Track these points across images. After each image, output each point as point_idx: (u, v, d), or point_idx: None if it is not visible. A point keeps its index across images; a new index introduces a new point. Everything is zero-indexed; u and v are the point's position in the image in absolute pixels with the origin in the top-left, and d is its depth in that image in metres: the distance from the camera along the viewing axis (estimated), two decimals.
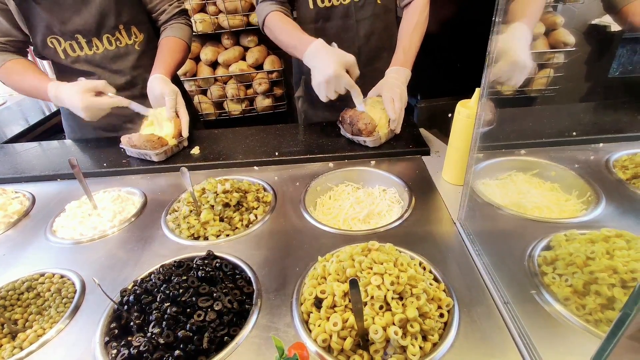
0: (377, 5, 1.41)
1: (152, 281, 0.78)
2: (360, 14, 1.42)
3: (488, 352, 0.65)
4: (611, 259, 0.70)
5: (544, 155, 1.13)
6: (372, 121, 1.24)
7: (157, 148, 1.28)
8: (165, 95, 1.31)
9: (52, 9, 1.28)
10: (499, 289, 0.75)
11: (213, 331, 0.69)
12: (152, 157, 1.30)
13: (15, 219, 1.10)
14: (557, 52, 2.23)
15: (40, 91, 1.31)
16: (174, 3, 1.50)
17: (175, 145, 1.34)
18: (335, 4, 1.40)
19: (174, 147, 1.34)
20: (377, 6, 1.42)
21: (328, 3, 1.40)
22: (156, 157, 1.29)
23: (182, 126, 1.35)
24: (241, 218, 1.03)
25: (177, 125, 1.34)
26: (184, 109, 1.37)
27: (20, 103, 2.57)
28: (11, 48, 1.36)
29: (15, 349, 0.73)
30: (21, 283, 0.86)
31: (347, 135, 1.34)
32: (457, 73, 1.98)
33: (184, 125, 1.35)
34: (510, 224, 0.95)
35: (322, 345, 0.67)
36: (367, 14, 1.42)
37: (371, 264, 0.73)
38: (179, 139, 1.35)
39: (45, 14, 1.28)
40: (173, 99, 1.33)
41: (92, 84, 1.27)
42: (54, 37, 1.33)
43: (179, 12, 1.51)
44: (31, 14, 1.28)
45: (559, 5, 2.18)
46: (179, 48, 1.47)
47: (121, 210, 1.09)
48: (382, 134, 1.27)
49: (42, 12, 1.27)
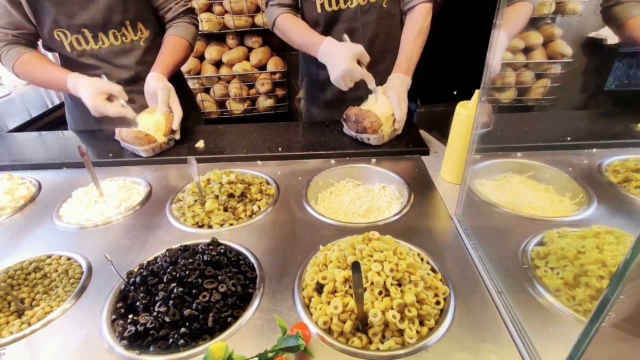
0: (383, 9, 1.45)
1: (158, 264, 0.81)
2: (366, 18, 1.46)
3: (482, 337, 0.68)
4: (601, 253, 0.74)
5: (539, 159, 1.17)
6: (378, 120, 1.28)
7: (143, 145, 1.29)
8: (158, 90, 1.33)
9: (60, 3, 1.30)
10: (493, 280, 0.78)
11: (218, 311, 0.71)
12: (139, 153, 1.31)
13: (21, 204, 1.12)
14: (555, 63, 2.29)
15: (58, 81, 1.36)
16: (180, 2, 1.52)
17: (165, 142, 1.35)
18: (342, 7, 1.43)
19: (164, 144, 1.35)
20: (382, 10, 1.45)
21: (335, 7, 1.43)
22: (144, 153, 1.31)
23: (174, 121, 1.36)
24: (245, 209, 1.05)
25: (168, 123, 1.34)
26: (177, 105, 1.39)
27: (23, 95, 2.58)
28: (23, 41, 1.39)
29: (23, 324, 0.75)
30: (29, 263, 0.88)
31: (350, 133, 1.37)
32: (456, 79, 2.02)
33: (175, 120, 1.36)
34: (505, 221, 0.98)
35: (323, 328, 0.70)
36: (372, 17, 1.46)
37: (371, 251, 0.76)
38: (169, 137, 1.36)
39: (52, 7, 1.31)
40: (165, 95, 1.34)
41: (107, 87, 1.32)
42: (60, 31, 1.36)
43: (185, 11, 1.54)
44: (39, 7, 1.31)
45: (558, 17, 2.24)
46: (180, 47, 1.50)
47: (127, 198, 1.12)
48: (386, 133, 1.30)
49: (50, 5, 1.30)
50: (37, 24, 1.35)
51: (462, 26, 1.97)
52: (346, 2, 1.42)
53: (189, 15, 1.56)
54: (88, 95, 1.30)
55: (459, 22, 1.98)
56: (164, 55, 1.45)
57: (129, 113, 1.34)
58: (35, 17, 1.33)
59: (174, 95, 1.39)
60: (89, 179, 1.12)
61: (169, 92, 1.37)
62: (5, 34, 1.34)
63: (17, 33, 1.35)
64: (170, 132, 1.36)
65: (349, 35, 1.48)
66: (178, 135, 1.41)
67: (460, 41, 2.00)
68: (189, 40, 1.53)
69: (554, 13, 2.18)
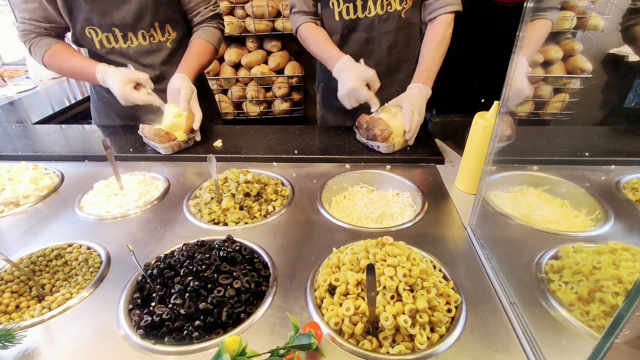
0: (401, 18, 1.46)
1: (175, 257, 0.83)
2: (384, 27, 1.47)
3: (493, 347, 0.68)
4: (617, 270, 0.73)
5: (555, 173, 1.17)
6: (389, 128, 1.29)
7: (163, 142, 1.31)
8: (182, 89, 1.36)
9: (94, 1, 1.35)
10: (505, 290, 0.78)
11: (231, 307, 0.73)
12: (159, 150, 1.34)
13: (45, 193, 1.16)
14: (574, 77, 2.27)
15: (87, 71, 1.41)
16: (209, 7, 1.56)
17: (185, 141, 1.38)
18: (360, 16, 1.45)
19: (183, 142, 1.37)
20: (401, 20, 1.46)
21: (353, 15, 1.45)
22: (163, 151, 1.33)
23: (195, 121, 1.39)
24: (260, 208, 1.07)
25: (189, 121, 1.37)
26: (197, 106, 1.42)
27: (48, 89, 2.66)
28: (53, 33, 1.44)
29: (43, 309, 0.78)
30: (51, 250, 0.91)
31: (362, 140, 1.38)
32: (473, 91, 2.02)
33: (196, 120, 1.39)
34: (519, 233, 0.98)
35: (334, 328, 0.71)
36: (390, 27, 1.47)
37: (385, 256, 0.77)
38: (190, 135, 1.38)
39: (86, 6, 1.36)
40: (188, 94, 1.37)
41: (135, 76, 1.36)
42: (92, 28, 1.41)
43: (212, 16, 1.57)
44: (74, 4, 1.36)
45: (579, 32, 2.22)
46: (205, 51, 1.54)
47: (146, 193, 1.14)
48: (397, 143, 1.31)
49: (84, 3, 1.35)
50: (70, 20, 1.40)
51: (480, 37, 1.97)
52: (364, 11, 1.43)
53: (216, 20, 1.60)
54: (116, 84, 1.34)
55: (476, 33, 1.99)
56: (190, 58, 1.49)
57: (155, 100, 1.39)
58: (68, 14, 1.38)
59: (195, 97, 1.42)
60: (110, 172, 1.15)
61: (192, 93, 1.40)
62: (38, 26, 1.39)
63: (49, 26, 1.41)
64: (191, 131, 1.38)
65: (367, 44, 1.50)
66: (199, 136, 1.44)
67: (478, 52, 2.01)
68: (215, 44, 1.57)
69: (575, 28, 2.17)
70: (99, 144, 1.41)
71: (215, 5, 1.58)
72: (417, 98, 1.33)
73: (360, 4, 1.42)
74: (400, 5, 1.43)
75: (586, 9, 2.10)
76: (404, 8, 1.44)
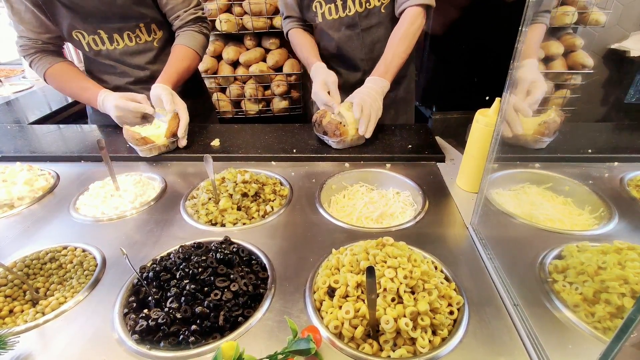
0: (381, 14, 1.48)
1: (171, 260, 0.81)
2: (365, 23, 1.49)
3: (496, 350, 0.66)
4: (623, 270, 0.71)
5: (558, 170, 1.15)
6: (334, 121, 1.29)
7: (139, 146, 1.28)
8: (162, 96, 1.33)
9: (73, 8, 1.32)
10: (509, 292, 0.76)
11: (229, 310, 0.71)
12: (139, 153, 1.31)
13: (40, 195, 1.14)
14: (575, 73, 2.25)
15: (89, 94, 1.42)
16: (189, 10, 1.48)
17: (165, 145, 1.32)
18: (342, 15, 1.48)
19: (163, 146, 1.32)
20: (381, 15, 1.48)
21: (335, 15, 1.49)
22: (142, 153, 1.31)
23: (180, 127, 1.34)
24: (258, 208, 1.06)
25: (171, 126, 1.32)
26: (184, 110, 1.36)
27: (45, 89, 2.64)
28: (52, 47, 1.43)
29: (37, 313, 0.76)
30: (45, 253, 0.90)
31: (319, 135, 1.38)
32: (473, 87, 2.00)
33: (181, 125, 1.34)
34: (522, 233, 0.96)
35: (334, 332, 0.69)
36: (371, 22, 1.49)
37: (385, 257, 0.75)
38: (171, 139, 1.33)
39: (68, 12, 1.33)
40: (169, 95, 1.34)
41: (131, 96, 1.38)
42: (78, 32, 1.39)
43: (194, 19, 1.50)
44: (56, 11, 1.33)
45: (580, 28, 2.20)
46: (185, 56, 1.48)
47: (142, 194, 1.13)
48: (349, 138, 1.31)
49: (65, 10, 1.32)
50: (56, 26, 1.38)
51: (480, 33, 1.95)
52: (345, 9, 1.47)
53: (198, 24, 1.52)
54: (113, 102, 1.35)
55: (476, 29, 1.97)
56: (169, 65, 1.45)
57: (147, 108, 1.36)
58: (53, 20, 1.36)
59: (178, 99, 1.37)
60: (106, 173, 1.13)
61: (172, 96, 1.35)
62: (36, 41, 1.38)
63: (46, 38, 1.39)
64: (173, 135, 1.33)
65: (350, 41, 1.54)
66: (184, 142, 1.37)
67: (478, 48, 1.98)
68: (196, 49, 1.50)
69: (575, 23, 2.15)
70: (94, 144, 1.39)
71: (197, 8, 1.51)
72: (369, 92, 1.32)
73: (340, 3, 1.45)
74: (379, 1, 1.45)
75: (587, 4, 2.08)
76: (383, 3, 1.46)
